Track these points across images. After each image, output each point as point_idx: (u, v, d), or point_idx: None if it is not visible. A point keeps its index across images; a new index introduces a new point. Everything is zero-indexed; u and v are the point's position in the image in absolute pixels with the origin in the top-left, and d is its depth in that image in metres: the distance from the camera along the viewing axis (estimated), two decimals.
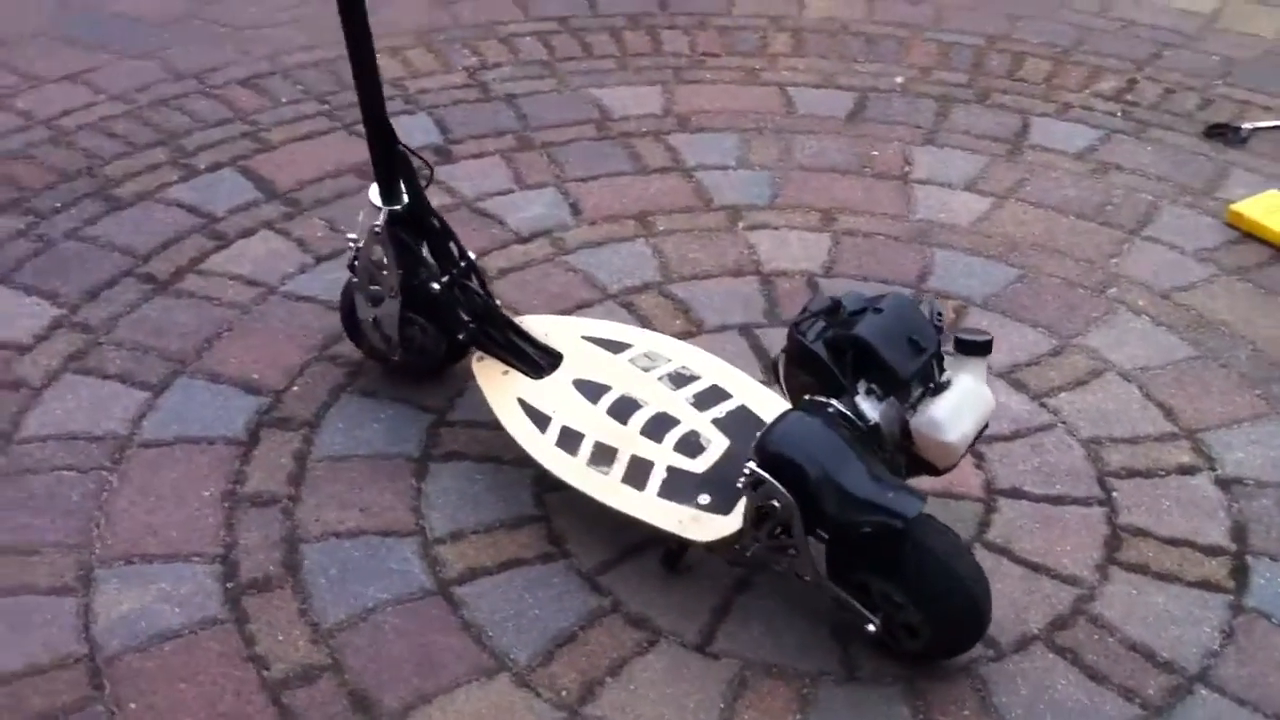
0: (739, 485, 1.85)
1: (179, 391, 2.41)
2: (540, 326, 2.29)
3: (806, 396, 1.86)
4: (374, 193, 2.19)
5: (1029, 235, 2.91)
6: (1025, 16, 3.98)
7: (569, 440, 2.09)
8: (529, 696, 1.86)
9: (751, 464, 1.80)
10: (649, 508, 1.98)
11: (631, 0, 4.01)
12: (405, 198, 2.17)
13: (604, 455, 2.06)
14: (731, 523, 1.92)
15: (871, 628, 1.85)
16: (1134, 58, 3.75)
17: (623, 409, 2.12)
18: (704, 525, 1.94)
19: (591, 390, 2.16)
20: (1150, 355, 2.53)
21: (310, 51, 3.66)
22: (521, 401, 2.16)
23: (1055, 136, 3.32)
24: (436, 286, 2.21)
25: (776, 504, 1.78)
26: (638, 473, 2.03)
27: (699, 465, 2.02)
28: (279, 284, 2.70)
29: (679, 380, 2.17)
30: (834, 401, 1.82)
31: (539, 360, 2.23)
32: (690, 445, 2.05)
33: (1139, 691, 1.89)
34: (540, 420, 2.13)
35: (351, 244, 2.27)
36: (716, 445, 2.05)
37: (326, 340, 2.53)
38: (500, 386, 2.20)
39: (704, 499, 1.97)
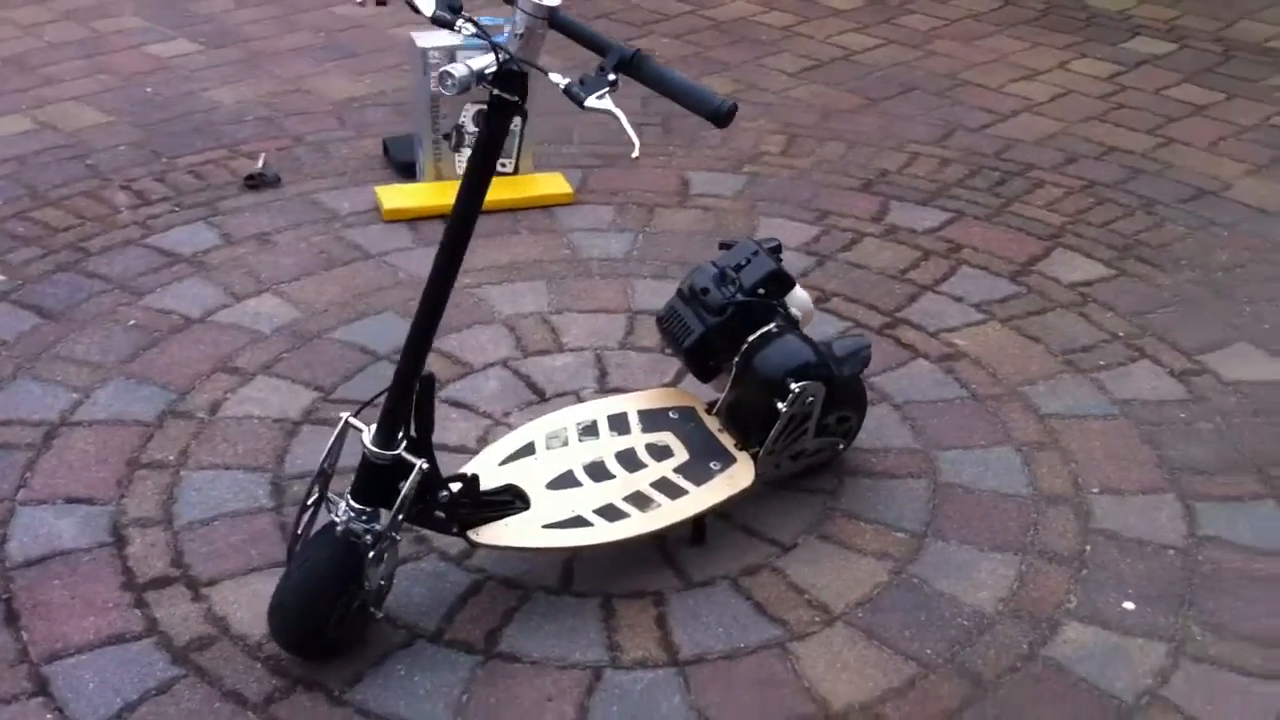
0: (781, 408, 2.48)
1: None
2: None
3: (752, 336, 2.52)
4: (371, 440, 2.10)
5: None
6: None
7: (610, 513, 2.41)
8: None
9: (793, 384, 2.45)
10: (705, 498, 2.50)
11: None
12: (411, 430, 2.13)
13: (640, 500, 2.46)
14: (747, 461, 2.54)
15: (841, 446, 2.68)
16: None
17: (598, 472, 2.51)
18: (738, 475, 2.55)
19: (565, 481, 2.49)
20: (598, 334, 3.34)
21: None
22: (548, 525, 2.35)
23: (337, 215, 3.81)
24: (446, 494, 2.19)
25: (812, 398, 2.49)
26: (669, 489, 2.50)
27: (683, 455, 2.58)
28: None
29: (589, 431, 2.60)
30: (772, 324, 2.53)
31: (508, 498, 2.37)
32: (660, 451, 2.57)
33: (789, 621, 2.43)
34: (579, 523, 2.39)
35: (362, 520, 2.10)
36: (668, 438, 2.59)
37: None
38: (519, 534, 2.36)
39: (715, 465, 2.54)
